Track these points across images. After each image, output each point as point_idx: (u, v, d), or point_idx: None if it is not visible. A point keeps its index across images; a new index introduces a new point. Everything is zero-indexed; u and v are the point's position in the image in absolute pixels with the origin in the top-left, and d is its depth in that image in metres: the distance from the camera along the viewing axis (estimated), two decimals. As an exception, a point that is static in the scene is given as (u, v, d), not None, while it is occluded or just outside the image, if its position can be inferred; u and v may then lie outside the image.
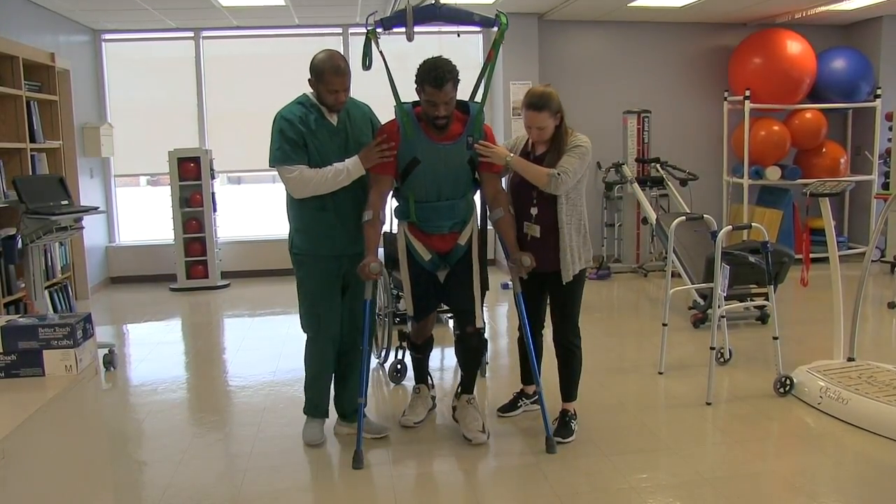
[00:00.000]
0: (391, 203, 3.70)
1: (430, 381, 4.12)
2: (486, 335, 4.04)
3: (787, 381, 4.23)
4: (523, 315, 3.67)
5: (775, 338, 4.27)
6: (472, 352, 3.78)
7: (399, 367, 4.64)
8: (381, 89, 3.64)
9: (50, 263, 5.61)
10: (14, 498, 1.51)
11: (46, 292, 5.19)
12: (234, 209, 12.61)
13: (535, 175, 3.48)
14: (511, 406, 4.02)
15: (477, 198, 3.76)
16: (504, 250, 3.69)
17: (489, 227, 3.81)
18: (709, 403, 4.15)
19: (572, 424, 3.73)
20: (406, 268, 3.68)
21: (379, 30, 3.50)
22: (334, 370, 3.78)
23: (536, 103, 3.48)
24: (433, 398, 4.10)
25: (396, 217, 3.73)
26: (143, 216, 12.25)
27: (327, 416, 3.83)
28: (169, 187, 7.83)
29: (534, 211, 3.58)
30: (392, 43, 3.62)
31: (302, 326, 3.72)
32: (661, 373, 4.69)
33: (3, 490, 1.49)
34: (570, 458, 3.44)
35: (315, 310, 3.63)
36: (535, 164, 3.52)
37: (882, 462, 3.44)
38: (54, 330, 1.87)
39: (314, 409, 3.80)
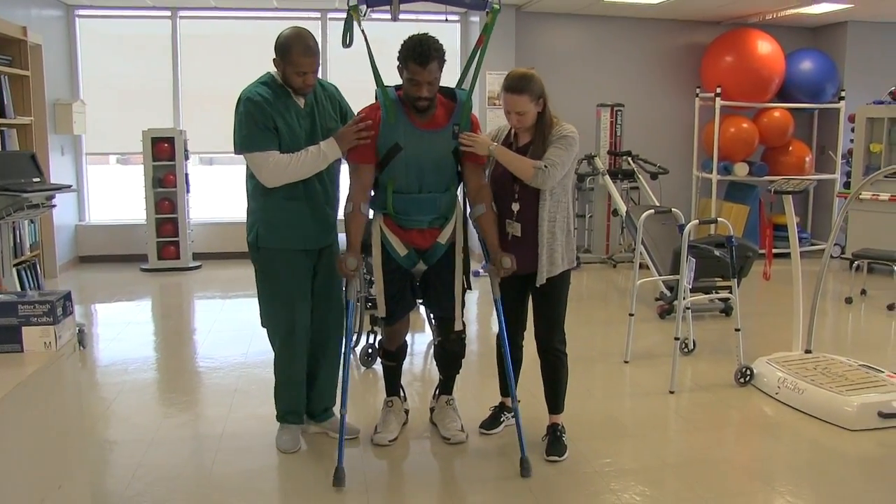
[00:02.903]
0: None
1: (402, 394, 3.78)
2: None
3: (748, 372, 4.36)
4: (501, 321, 3.40)
5: (737, 329, 4.40)
6: (452, 356, 3.58)
7: (370, 350, 4.69)
8: (356, 74, 3.55)
9: (18, 241, 5.57)
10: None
11: (14, 270, 5.16)
12: (206, 190, 12.51)
13: (520, 167, 3.20)
14: (493, 422, 3.70)
15: (460, 192, 3.49)
16: (483, 249, 3.48)
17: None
18: (672, 392, 4.27)
19: (564, 439, 3.46)
20: (379, 265, 3.36)
21: (362, 6, 3.25)
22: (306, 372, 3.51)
23: (515, 85, 3.20)
24: (406, 412, 3.78)
25: (372, 208, 3.39)
26: (112, 195, 12.14)
27: (303, 423, 3.59)
28: (139, 166, 7.78)
29: (515, 207, 3.30)
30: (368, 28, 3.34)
31: (267, 328, 3.45)
32: (626, 362, 4.80)
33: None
34: (537, 443, 3.49)
35: (287, 310, 3.35)
36: (521, 156, 3.23)
37: (833, 449, 3.58)
38: (34, 307, 1.90)
39: (289, 415, 3.54)
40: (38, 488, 1.82)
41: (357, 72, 3.65)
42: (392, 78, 3.26)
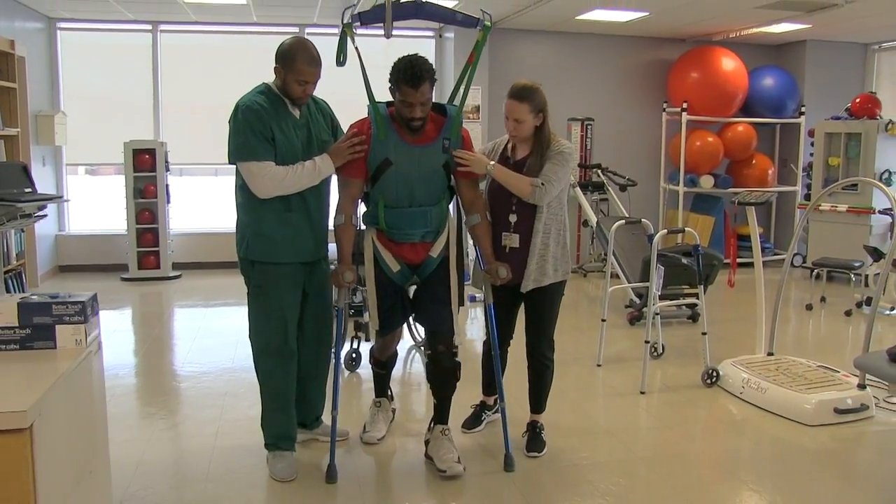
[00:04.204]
0: (361, 208, 3.45)
1: (390, 393, 3.90)
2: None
3: (714, 373, 4.61)
4: (493, 326, 3.47)
5: (704, 333, 4.66)
6: (445, 373, 3.44)
7: (354, 355, 4.87)
8: (346, 88, 3.51)
9: (6, 250, 5.67)
10: (42, 454, 1.72)
11: (1, 278, 5.27)
12: (177, 200, 12.57)
13: (518, 185, 3.32)
14: (475, 420, 3.83)
15: (452, 206, 3.52)
16: (478, 258, 3.51)
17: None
18: (643, 392, 4.51)
19: (543, 436, 3.66)
20: (372, 279, 3.36)
21: (356, 24, 3.27)
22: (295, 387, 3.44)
23: (518, 93, 3.34)
24: (394, 410, 3.92)
25: (364, 223, 3.42)
26: (84, 206, 12.13)
27: (294, 450, 3.47)
28: (110, 177, 7.88)
29: (512, 218, 3.40)
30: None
31: (257, 343, 3.37)
32: (599, 365, 5.02)
33: (40, 444, 1.70)
34: (518, 440, 3.66)
35: (279, 324, 3.30)
36: (518, 174, 3.35)
37: (793, 443, 3.84)
38: (66, 307, 2.06)
39: (281, 440, 3.41)
40: (75, 471, 1.99)
41: (338, 84, 3.69)
42: (378, 93, 3.31)
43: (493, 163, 3.38)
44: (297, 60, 3.12)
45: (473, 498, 3.25)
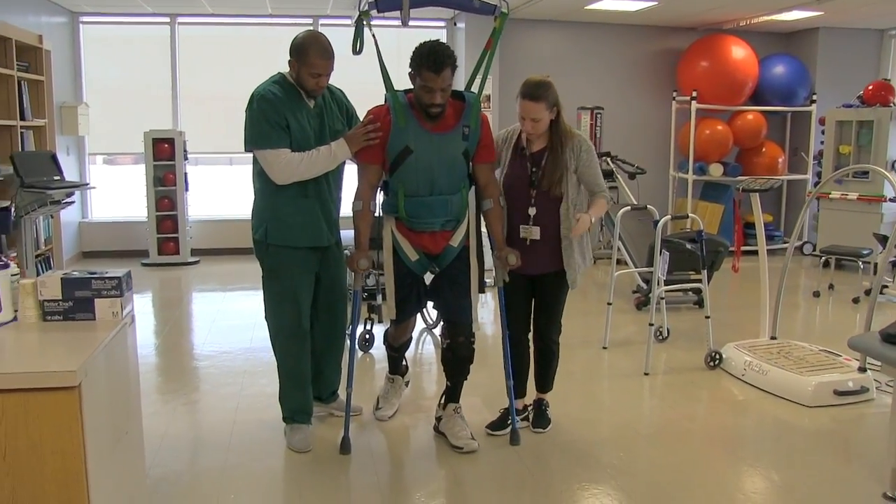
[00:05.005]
0: (380, 197, 3.48)
1: (404, 364, 3.96)
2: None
3: (717, 356, 4.75)
4: (503, 308, 3.55)
5: (707, 317, 4.79)
6: (461, 361, 3.53)
7: (367, 336, 5.04)
8: (359, 76, 3.56)
9: (35, 235, 5.88)
10: (89, 411, 1.91)
11: (33, 262, 5.48)
12: (195, 188, 12.80)
13: (603, 210, 3.46)
14: (501, 423, 3.74)
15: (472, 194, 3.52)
16: (489, 242, 3.53)
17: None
18: (647, 374, 4.65)
19: (548, 413, 3.76)
20: (390, 268, 3.41)
21: (372, 11, 3.29)
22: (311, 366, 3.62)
23: (533, 93, 3.27)
24: (407, 383, 4.05)
25: (384, 212, 3.44)
26: (104, 194, 12.38)
27: (311, 423, 3.63)
28: (126, 167, 8.09)
29: (532, 211, 3.41)
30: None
31: (273, 324, 3.53)
32: (605, 348, 5.17)
33: (87, 402, 1.89)
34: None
35: (294, 306, 3.43)
36: (596, 204, 3.43)
37: (792, 423, 3.97)
38: (104, 282, 2.25)
39: (298, 413, 3.59)
40: (115, 432, 2.19)
41: (348, 74, 3.75)
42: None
43: (589, 215, 3.36)
44: (309, 54, 3.20)
45: (481, 470, 3.41)
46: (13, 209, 4.89)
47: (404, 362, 3.99)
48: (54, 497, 1.87)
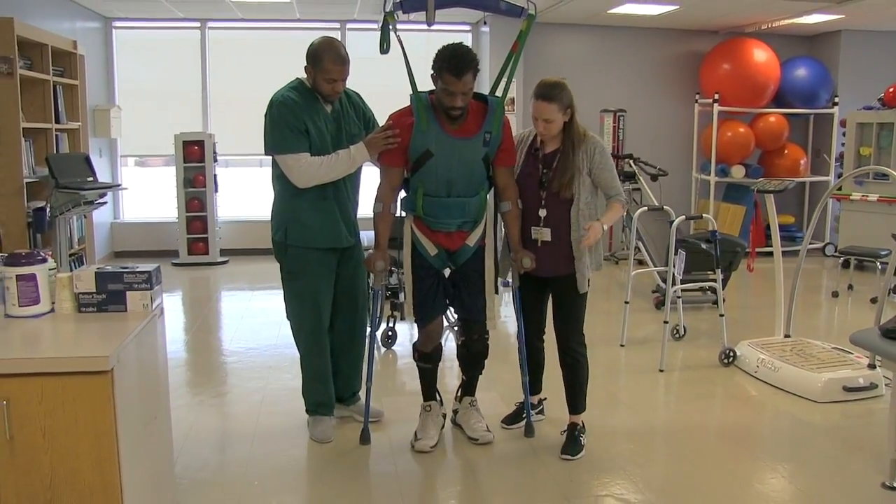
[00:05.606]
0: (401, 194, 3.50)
1: (438, 397, 3.72)
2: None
3: (731, 353, 4.82)
4: (520, 312, 3.58)
5: (721, 315, 4.86)
6: (475, 356, 3.63)
7: (390, 333, 5.18)
8: (374, 78, 3.65)
9: (69, 235, 6.09)
10: (120, 395, 2.06)
11: (67, 261, 5.69)
12: (224, 190, 13.06)
13: (618, 216, 3.44)
14: (516, 417, 3.81)
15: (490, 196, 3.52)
16: (506, 244, 3.57)
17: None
18: (662, 370, 4.74)
19: (581, 439, 3.56)
20: (410, 266, 3.44)
21: (398, 12, 3.30)
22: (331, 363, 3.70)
23: (546, 93, 3.27)
24: (444, 415, 3.77)
25: (403, 209, 3.48)
26: (135, 195, 12.66)
27: (333, 415, 3.76)
28: (156, 169, 8.30)
29: (542, 213, 3.38)
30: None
31: (294, 323, 3.64)
32: (622, 345, 5.26)
33: (118, 386, 2.04)
34: (555, 436, 3.82)
35: (314, 306, 3.52)
36: (610, 209, 3.40)
37: (803, 419, 4.05)
38: (135, 276, 2.40)
39: (320, 407, 3.71)
40: (144, 415, 2.34)
41: (375, 76, 3.89)
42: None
43: (601, 223, 3.31)
44: (324, 60, 3.26)
45: (495, 460, 3.52)
46: (48, 209, 5.10)
47: (438, 395, 3.73)
48: (89, 473, 2.02)
